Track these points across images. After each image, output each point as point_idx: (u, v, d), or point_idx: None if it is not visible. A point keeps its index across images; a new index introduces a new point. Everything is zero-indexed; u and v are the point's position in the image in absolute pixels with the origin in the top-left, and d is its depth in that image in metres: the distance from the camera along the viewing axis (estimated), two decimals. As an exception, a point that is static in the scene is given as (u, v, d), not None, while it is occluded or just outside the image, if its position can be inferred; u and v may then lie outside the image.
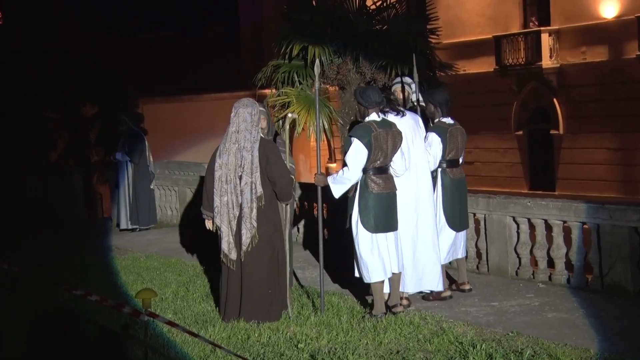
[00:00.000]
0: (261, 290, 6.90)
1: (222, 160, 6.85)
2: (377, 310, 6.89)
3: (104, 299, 5.41)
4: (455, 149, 7.62)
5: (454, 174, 7.65)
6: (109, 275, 9.29)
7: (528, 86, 24.01)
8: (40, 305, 7.57)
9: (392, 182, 6.98)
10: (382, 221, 6.87)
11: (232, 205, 6.83)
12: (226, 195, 6.82)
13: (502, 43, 23.98)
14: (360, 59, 11.99)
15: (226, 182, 6.82)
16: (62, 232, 13.44)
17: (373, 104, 6.93)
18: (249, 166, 6.80)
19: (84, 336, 6.71)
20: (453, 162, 7.66)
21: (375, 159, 6.83)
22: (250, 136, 6.85)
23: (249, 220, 6.82)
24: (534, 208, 8.16)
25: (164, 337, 6.37)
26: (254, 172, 6.80)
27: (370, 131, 6.80)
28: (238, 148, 6.83)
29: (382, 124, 6.91)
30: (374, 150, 6.79)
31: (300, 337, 6.32)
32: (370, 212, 6.84)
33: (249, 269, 6.87)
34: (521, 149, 24.41)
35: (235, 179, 6.81)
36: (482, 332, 6.39)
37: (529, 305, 7.24)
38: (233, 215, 6.84)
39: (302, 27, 12.14)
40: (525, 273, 8.29)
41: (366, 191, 6.86)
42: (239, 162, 6.80)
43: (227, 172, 6.82)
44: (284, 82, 12.26)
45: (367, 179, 6.87)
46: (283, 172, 6.97)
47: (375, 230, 6.85)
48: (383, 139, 6.82)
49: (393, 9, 12.78)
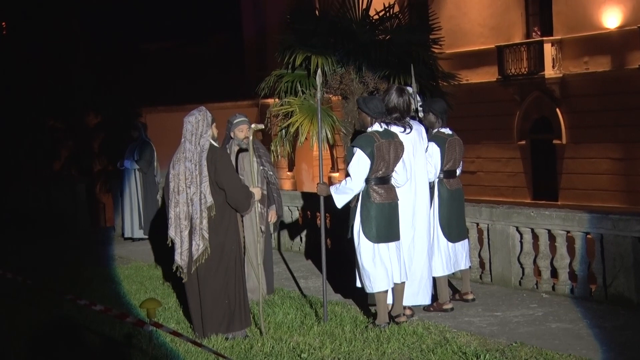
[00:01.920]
0: (219, 302, 6.70)
1: (175, 170, 6.68)
2: (380, 320, 6.88)
3: (107, 309, 5.41)
4: (453, 160, 7.63)
5: (451, 185, 7.66)
6: (113, 284, 9.29)
7: (531, 96, 24.03)
8: (43, 314, 7.57)
9: (393, 192, 6.99)
10: (384, 231, 6.87)
11: (184, 216, 6.64)
12: (178, 206, 6.65)
13: (505, 53, 24.02)
14: (363, 69, 12.01)
15: (178, 193, 6.65)
16: (65, 241, 13.45)
17: (377, 114, 6.94)
18: (194, 176, 6.59)
19: (87, 346, 6.70)
20: (450, 173, 7.67)
21: (378, 169, 6.84)
22: (191, 146, 6.64)
23: (198, 232, 6.60)
24: (537, 218, 8.16)
25: (167, 347, 6.37)
26: (202, 182, 6.57)
27: (372, 141, 6.80)
28: (185, 157, 6.65)
29: (384, 134, 6.91)
30: (376, 160, 6.79)
31: (303, 346, 6.32)
32: (372, 222, 6.84)
33: (204, 281, 6.68)
34: (524, 159, 24.40)
35: (186, 188, 6.63)
36: (486, 342, 6.38)
37: (532, 315, 7.23)
38: (185, 226, 6.63)
39: (305, 37, 12.17)
40: (528, 283, 8.28)
41: (368, 201, 6.86)
42: (188, 172, 6.62)
43: (178, 182, 6.63)
44: (287, 92, 12.28)
45: (369, 189, 6.87)
46: (232, 181, 6.70)
47: (377, 240, 6.85)
48: (385, 149, 6.83)
49: (396, 19, 12.82)
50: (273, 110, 11.93)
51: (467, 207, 8.89)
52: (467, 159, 25.13)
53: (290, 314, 7.36)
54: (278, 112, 11.82)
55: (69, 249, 12.56)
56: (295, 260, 10.50)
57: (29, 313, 7.65)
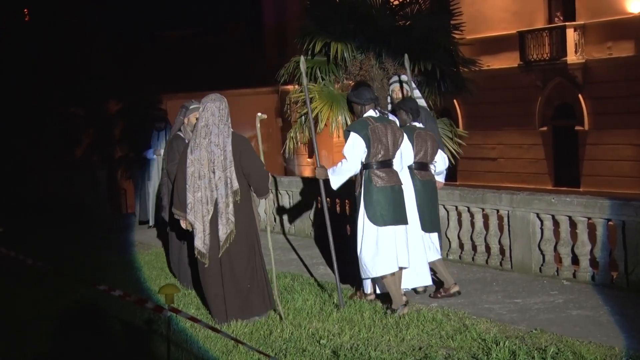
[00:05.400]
0: (243, 287, 6.78)
1: (194, 155, 6.71)
2: (397, 304, 6.87)
3: (127, 294, 5.43)
4: (423, 152, 7.70)
5: (423, 176, 7.72)
6: (133, 270, 9.34)
7: (553, 82, 23.82)
8: (64, 300, 7.63)
9: (396, 176, 7.04)
10: (388, 214, 6.90)
11: (207, 201, 6.68)
12: (200, 191, 6.68)
13: (527, 38, 23.80)
14: (383, 55, 11.96)
15: (199, 178, 6.68)
16: (86, 228, 13.54)
17: (368, 100, 7.06)
18: (221, 161, 6.68)
19: (108, 331, 6.75)
20: (422, 165, 7.75)
21: (376, 152, 6.91)
22: (218, 131, 6.72)
23: (224, 215, 6.66)
24: (558, 205, 8.09)
25: (187, 333, 6.40)
26: (228, 166, 6.67)
27: (367, 125, 6.91)
28: (209, 142, 6.71)
29: (379, 119, 7.02)
30: (372, 143, 6.88)
31: (322, 333, 6.32)
32: (376, 206, 6.89)
33: (228, 266, 6.74)
34: (545, 145, 24.23)
35: (209, 173, 6.68)
36: (506, 329, 6.35)
37: (553, 302, 7.19)
38: (207, 211, 6.68)
39: (325, 23, 12.13)
40: (549, 270, 8.23)
41: (370, 185, 6.93)
42: (211, 157, 6.68)
43: (199, 168, 6.68)
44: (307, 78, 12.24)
45: (370, 173, 6.94)
46: (258, 166, 6.84)
47: (383, 223, 6.88)
48: (382, 132, 6.92)
49: (416, 5, 12.74)
50: (292, 97, 11.91)
51: (488, 193, 8.88)
52: (488, 146, 25.07)
53: (310, 300, 7.37)
54: (297, 98, 11.81)
55: (89, 235, 12.65)
56: (310, 247, 10.51)
57: (50, 299, 7.71)
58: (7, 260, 7.28)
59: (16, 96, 22.21)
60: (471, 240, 9.10)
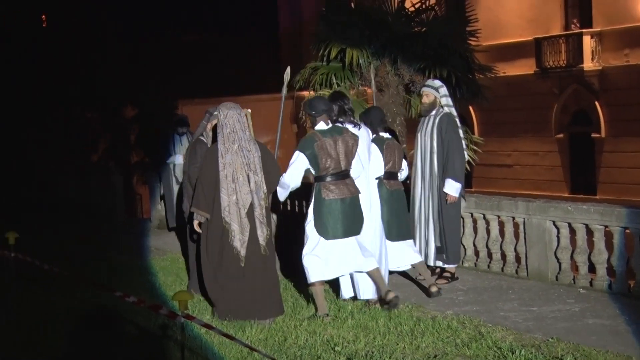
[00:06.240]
0: (276, 285, 7.12)
1: (226, 159, 6.94)
2: (321, 311, 7.01)
3: (141, 300, 5.45)
4: (392, 162, 7.88)
5: (391, 186, 7.89)
6: (148, 276, 9.36)
7: (569, 89, 23.72)
8: (80, 305, 7.65)
9: (350, 188, 7.13)
10: (337, 228, 7.02)
11: (242, 204, 6.93)
12: (235, 194, 6.92)
13: (543, 45, 23.72)
14: (399, 61, 11.95)
15: (233, 181, 6.92)
16: (102, 233, 13.59)
17: (320, 112, 7.17)
18: (254, 165, 6.98)
19: (123, 336, 6.76)
20: (391, 175, 7.92)
21: (326, 166, 7.04)
22: (245, 136, 7.04)
23: (260, 218, 6.97)
24: (574, 212, 8.05)
25: (201, 339, 6.40)
26: (259, 171, 6.99)
27: (313, 141, 7.04)
28: (239, 147, 6.97)
29: (328, 132, 7.11)
30: (320, 158, 7.01)
31: (337, 339, 6.31)
32: (325, 219, 7.02)
33: (262, 265, 7.00)
34: (562, 152, 24.11)
35: (243, 177, 6.94)
36: (521, 337, 6.31)
37: (569, 310, 7.14)
38: (244, 214, 6.94)
39: (340, 29, 12.15)
40: (565, 278, 8.18)
41: (320, 198, 7.07)
42: (244, 161, 6.96)
43: (232, 171, 6.93)
44: (322, 84, 12.27)
45: (320, 187, 7.08)
46: (278, 169, 7.19)
47: (331, 237, 7.02)
48: (330, 146, 7.03)
49: (432, 11, 12.73)
50: (308, 103, 11.89)
51: (503, 200, 8.84)
52: (504, 153, 24.97)
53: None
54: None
55: (105, 240, 12.69)
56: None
57: (66, 304, 7.73)
58: (24, 265, 7.32)
59: (33, 101, 22.37)
60: (487, 248, 9.07)
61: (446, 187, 8.12)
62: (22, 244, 7.58)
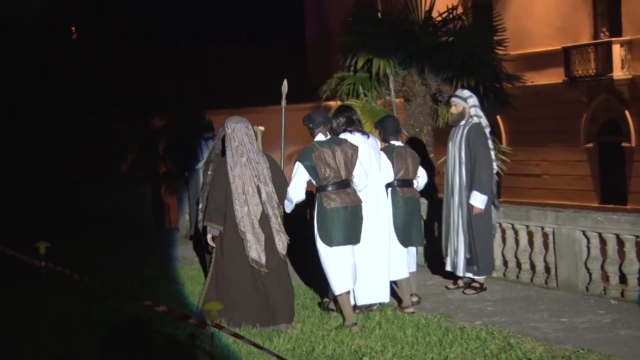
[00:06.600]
0: (292, 293, 7.27)
1: (235, 172, 7.07)
2: (349, 320, 7.04)
3: (170, 310, 5.47)
4: (404, 169, 7.89)
5: (404, 193, 7.88)
6: (176, 285, 9.41)
7: (598, 98, 23.52)
8: (110, 314, 7.70)
9: (351, 197, 7.21)
10: (339, 235, 7.10)
11: (255, 214, 7.05)
12: (246, 206, 7.04)
13: (572, 54, 23.55)
14: (426, 71, 11.93)
15: (243, 193, 7.06)
16: (131, 243, 13.67)
17: (317, 124, 7.31)
18: (264, 177, 7.10)
19: (153, 345, 6.79)
20: (405, 182, 7.92)
21: (325, 176, 7.13)
22: (253, 148, 7.20)
23: (276, 227, 7.10)
24: (605, 222, 7.97)
25: (230, 348, 6.42)
26: (269, 182, 7.14)
27: (311, 152, 7.16)
28: (248, 159, 7.11)
29: (326, 142, 7.23)
30: (319, 169, 7.11)
31: (365, 350, 6.29)
32: (327, 227, 7.11)
33: (280, 274, 7.12)
34: (591, 162, 23.89)
35: (253, 188, 7.06)
36: (552, 348, 6.25)
37: (600, 321, 7.06)
38: (257, 224, 7.04)
39: (367, 39, 12.17)
40: (596, 289, 8.09)
41: (321, 207, 7.16)
42: (254, 173, 7.08)
43: (242, 184, 7.05)
44: (349, 94, 12.29)
45: (322, 196, 7.17)
46: (285, 180, 7.34)
47: (335, 243, 7.10)
48: (328, 156, 7.13)
49: (459, 21, 12.72)
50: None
51: (532, 210, 8.79)
52: (533, 162, 24.80)
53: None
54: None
55: (134, 250, 12.76)
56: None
57: (96, 313, 7.79)
58: (54, 274, 7.38)
59: (62, 112, 22.61)
60: (515, 258, 9.00)
61: (472, 199, 8.12)
62: (52, 253, 7.64)
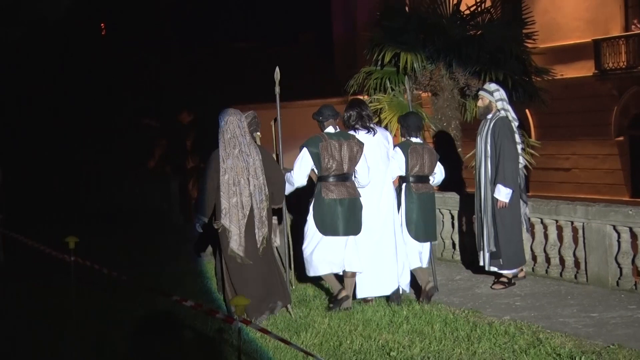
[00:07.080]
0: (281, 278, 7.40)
1: (227, 164, 7.14)
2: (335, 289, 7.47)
3: (198, 305, 5.49)
4: (419, 165, 7.94)
5: (418, 189, 7.94)
6: (204, 280, 9.45)
7: (629, 91, 23.23)
8: (139, 309, 7.75)
9: (350, 190, 7.42)
10: (335, 226, 7.34)
11: (242, 206, 7.12)
12: (235, 197, 7.12)
13: (602, 47, 23.28)
14: (454, 65, 11.87)
15: (234, 185, 7.13)
16: (158, 238, 13.76)
17: (326, 117, 7.54)
18: (254, 169, 7.17)
19: (181, 340, 6.83)
20: (419, 178, 7.98)
21: (328, 166, 7.35)
22: (245, 141, 7.22)
23: (260, 220, 7.17)
24: (635, 216, 7.87)
25: (257, 343, 6.43)
26: (259, 174, 7.19)
27: (319, 141, 7.39)
28: (240, 152, 7.17)
29: (335, 135, 7.45)
30: (323, 158, 7.34)
31: (392, 345, 6.27)
32: (324, 217, 7.36)
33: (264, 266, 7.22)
34: (622, 156, 23.62)
35: (244, 180, 7.13)
36: (582, 344, 6.19)
37: (631, 317, 6.98)
38: (242, 215, 7.12)
39: (394, 33, 12.13)
40: (626, 283, 8.00)
41: (320, 197, 7.40)
42: (244, 165, 7.15)
43: (234, 175, 7.12)
44: (376, 89, 12.26)
45: (321, 186, 7.42)
46: (281, 174, 7.48)
47: (330, 234, 7.36)
48: (334, 148, 7.35)
49: (488, 14, 12.63)
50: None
51: (561, 205, 8.71)
52: (562, 156, 24.57)
53: (379, 311, 7.32)
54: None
55: (162, 244, 12.84)
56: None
57: (125, 307, 7.85)
58: (84, 269, 7.45)
59: (91, 108, 22.80)
60: (544, 253, 8.93)
61: (496, 192, 8.09)
62: (81, 248, 7.71)
